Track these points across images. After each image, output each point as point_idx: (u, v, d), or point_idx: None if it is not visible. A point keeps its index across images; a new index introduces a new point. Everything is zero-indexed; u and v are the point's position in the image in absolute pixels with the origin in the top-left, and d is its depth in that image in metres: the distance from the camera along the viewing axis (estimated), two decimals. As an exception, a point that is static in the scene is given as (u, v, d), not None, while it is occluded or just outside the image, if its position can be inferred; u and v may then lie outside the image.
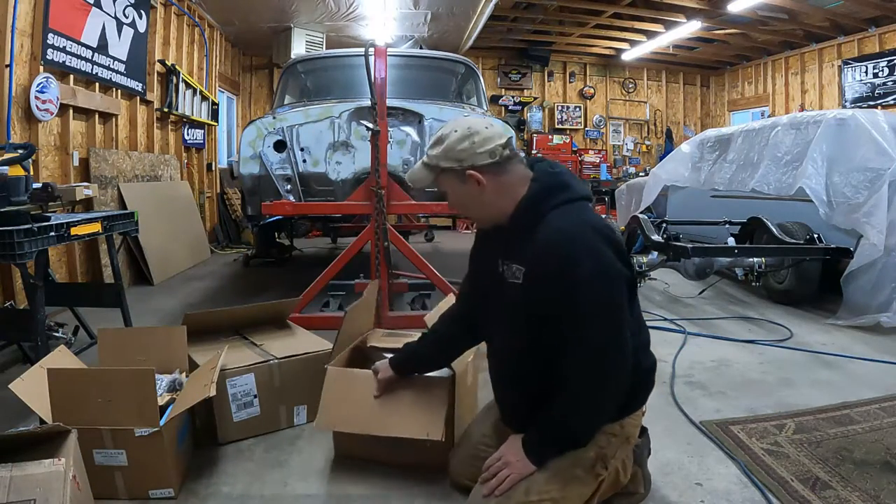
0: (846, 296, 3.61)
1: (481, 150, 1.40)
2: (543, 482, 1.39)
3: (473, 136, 1.41)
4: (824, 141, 3.95)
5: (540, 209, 1.40)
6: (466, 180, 1.42)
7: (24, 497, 1.19)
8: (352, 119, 3.55)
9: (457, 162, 1.42)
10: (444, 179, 1.47)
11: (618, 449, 1.48)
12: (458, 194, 1.47)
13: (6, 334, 2.77)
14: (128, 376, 1.67)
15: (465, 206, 1.50)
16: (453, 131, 1.43)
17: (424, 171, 1.48)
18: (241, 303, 3.08)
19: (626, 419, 1.49)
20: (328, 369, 1.81)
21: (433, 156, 1.45)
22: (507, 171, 1.43)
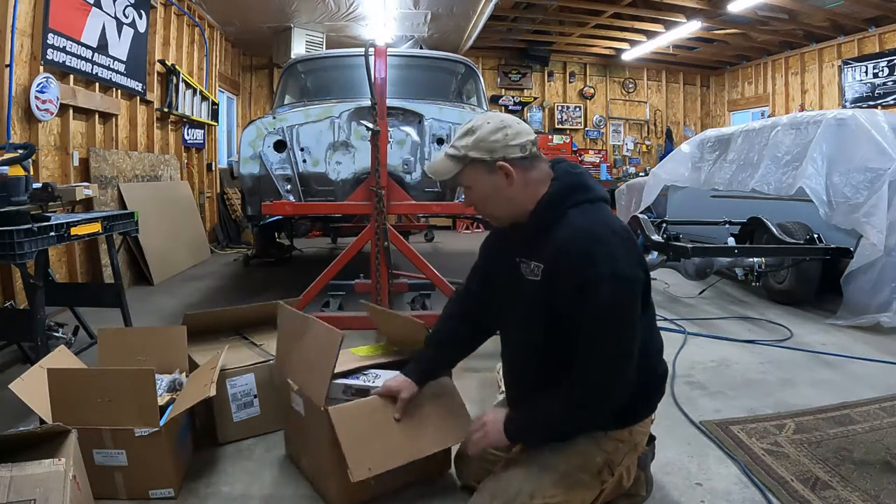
0: (846, 296, 3.61)
1: (513, 143, 1.39)
2: (550, 486, 1.38)
3: (506, 128, 1.40)
4: (824, 141, 3.95)
5: (561, 207, 1.40)
6: (495, 171, 1.40)
7: (24, 497, 1.19)
8: (352, 119, 3.55)
9: (488, 153, 1.39)
10: (469, 171, 1.43)
11: (625, 456, 1.47)
12: (484, 187, 1.43)
13: (6, 334, 2.77)
14: (128, 376, 1.67)
15: (488, 200, 1.46)
16: (486, 122, 1.42)
17: (449, 162, 1.44)
18: (241, 303, 3.07)
19: (635, 426, 1.48)
20: (331, 412, 1.55)
21: (462, 146, 1.42)
22: (534, 168, 1.43)
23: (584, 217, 1.37)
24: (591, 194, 1.42)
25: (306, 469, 1.81)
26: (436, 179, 1.56)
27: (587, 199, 1.41)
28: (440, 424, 1.64)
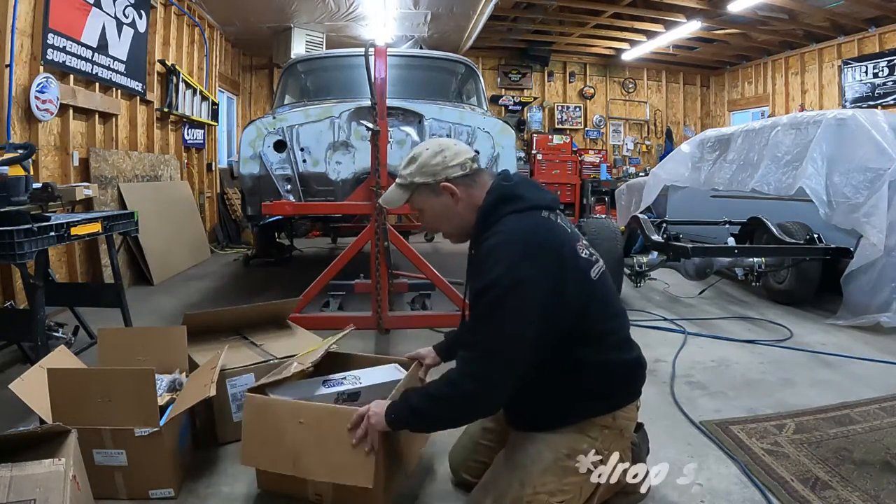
0: (846, 296, 3.61)
1: (453, 163, 1.49)
2: (539, 474, 1.40)
3: (444, 151, 1.50)
4: (824, 141, 3.96)
5: (490, 219, 1.45)
6: (441, 193, 1.50)
7: (24, 497, 1.19)
8: (352, 119, 3.55)
9: (431, 176, 1.49)
10: (418, 196, 1.54)
11: (612, 441, 1.48)
12: (433, 208, 1.53)
13: (6, 334, 2.77)
14: (128, 376, 1.67)
15: (439, 220, 1.55)
16: (425, 149, 1.53)
17: (398, 191, 1.56)
18: (241, 303, 3.07)
19: (617, 412, 1.49)
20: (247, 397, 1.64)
21: (407, 174, 1.52)
22: (476, 184, 1.51)
23: (503, 228, 1.41)
24: (520, 204, 1.45)
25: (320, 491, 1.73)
26: (390, 209, 1.64)
27: (515, 209, 1.44)
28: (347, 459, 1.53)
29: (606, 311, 1.49)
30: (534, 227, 1.41)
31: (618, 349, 1.51)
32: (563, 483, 1.41)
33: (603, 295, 1.48)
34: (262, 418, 1.63)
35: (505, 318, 1.33)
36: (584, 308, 1.42)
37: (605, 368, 1.47)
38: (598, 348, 1.46)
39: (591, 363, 1.45)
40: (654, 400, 2.46)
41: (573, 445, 1.44)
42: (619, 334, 1.53)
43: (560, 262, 1.38)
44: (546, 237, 1.40)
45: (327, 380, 1.84)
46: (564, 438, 1.45)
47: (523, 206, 1.45)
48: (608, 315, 1.50)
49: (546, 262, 1.35)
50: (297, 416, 1.59)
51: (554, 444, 1.44)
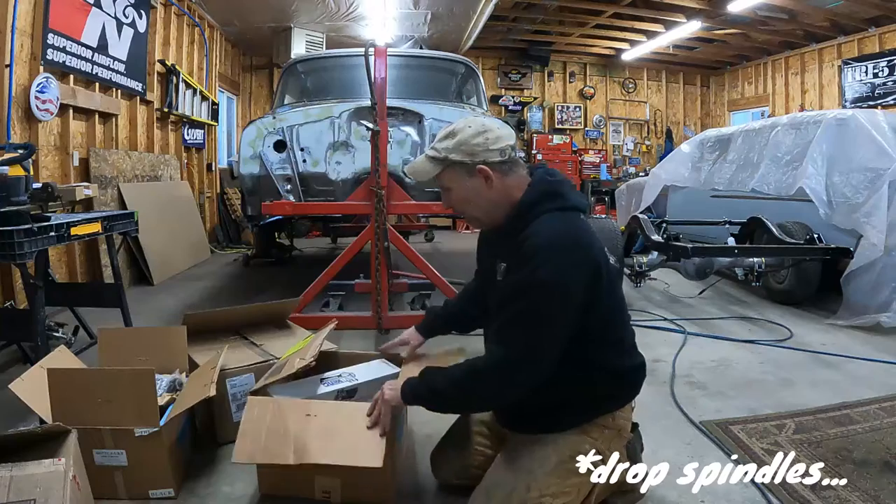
0: (846, 296, 3.61)
1: (494, 147, 1.43)
2: (544, 477, 1.40)
3: (487, 132, 1.44)
4: (824, 141, 3.96)
5: (532, 213, 1.42)
6: (475, 175, 1.44)
7: (24, 497, 1.19)
8: (352, 119, 3.55)
9: (469, 156, 1.43)
10: (449, 173, 1.47)
11: (612, 441, 1.50)
12: (463, 189, 1.47)
13: (6, 334, 2.77)
14: (128, 376, 1.67)
15: (467, 203, 1.50)
16: (467, 126, 1.45)
17: (429, 163, 1.48)
18: (241, 303, 3.08)
19: (616, 412, 1.51)
20: (249, 400, 1.66)
21: (443, 148, 1.45)
22: (512, 172, 1.47)
23: (550, 224, 1.39)
24: (563, 202, 1.44)
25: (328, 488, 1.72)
26: (415, 180, 1.60)
27: (559, 206, 1.43)
28: (357, 443, 1.53)
29: (623, 317, 1.53)
30: (577, 230, 1.41)
31: (629, 355, 1.54)
32: (566, 485, 1.42)
33: (620, 301, 1.53)
34: (264, 416, 1.62)
35: (546, 320, 1.33)
36: (610, 313, 1.44)
37: (618, 372, 1.49)
38: (617, 352, 1.49)
39: (608, 367, 1.46)
40: (654, 400, 2.46)
41: (576, 447, 1.44)
42: (630, 340, 1.56)
43: (598, 267, 1.38)
44: (587, 241, 1.40)
45: (324, 378, 1.84)
46: (568, 440, 1.45)
47: (566, 205, 1.44)
48: (623, 321, 1.53)
49: (587, 267, 1.36)
50: (306, 411, 1.60)
51: (558, 446, 1.44)
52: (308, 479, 1.67)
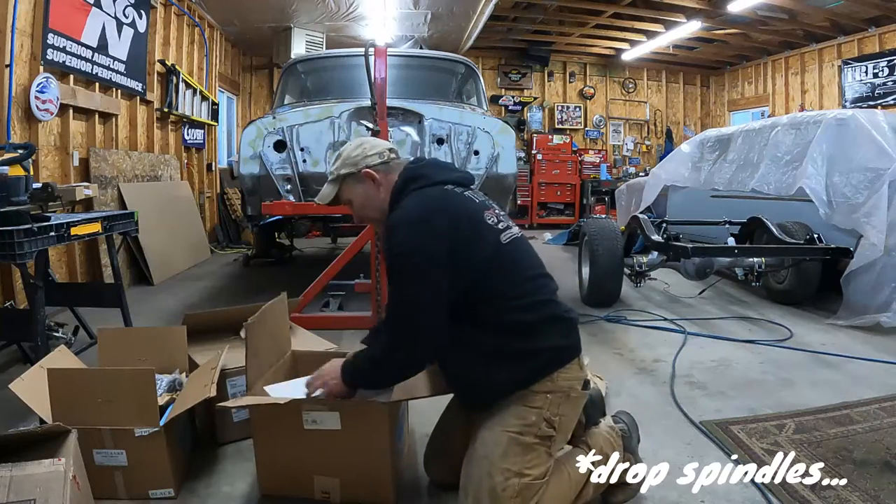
0: (846, 296, 3.61)
1: (371, 152, 1.65)
2: (499, 460, 1.42)
3: (364, 143, 1.68)
4: (824, 141, 3.95)
5: (399, 198, 1.58)
6: (363, 180, 1.64)
7: (24, 497, 1.19)
8: (352, 119, 3.55)
9: (353, 166, 1.64)
10: (346, 187, 1.67)
11: (560, 405, 1.49)
12: (358, 196, 1.67)
13: (6, 334, 2.77)
14: (128, 376, 1.67)
15: (365, 207, 1.67)
16: (348, 145, 1.70)
17: (329, 186, 1.70)
18: (241, 303, 3.08)
19: (555, 374, 1.49)
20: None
21: (334, 168, 1.67)
22: (394, 170, 1.65)
23: (401, 206, 1.55)
24: (423, 182, 1.58)
25: (327, 488, 1.72)
26: (323, 204, 1.74)
27: (418, 186, 1.57)
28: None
29: (516, 273, 1.54)
30: (431, 199, 1.54)
31: (531, 309, 1.51)
32: (526, 460, 1.43)
33: (512, 259, 1.54)
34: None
35: (408, 283, 1.46)
36: (486, 270, 1.49)
37: (516, 327, 1.49)
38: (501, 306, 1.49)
39: (509, 324, 1.49)
40: (654, 400, 2.46)
41: (521, 420, 1.46)
42: (535, 297, 1.54)
43: (456, 225, 1.48)
44: (442, 205, 1.52)
45: None
46: (510, 415, 1.47)
47: (427, 182, 1.58)
48: (518, 278, 1.54)
49: (441, 227, 1.46)
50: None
51: (503, 424, 1.46)
52: (308, 479, 1.67)
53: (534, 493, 1.41)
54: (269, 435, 1.69)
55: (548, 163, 9.92)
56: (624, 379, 2.71)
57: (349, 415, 1.62)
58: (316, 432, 1.63)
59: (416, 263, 1.44)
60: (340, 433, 1.62)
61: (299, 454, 1.67)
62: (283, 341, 2.08)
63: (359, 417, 1.62)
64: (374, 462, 1.64)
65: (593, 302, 4.10)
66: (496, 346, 1.49)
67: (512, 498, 1.39)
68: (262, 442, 1.70)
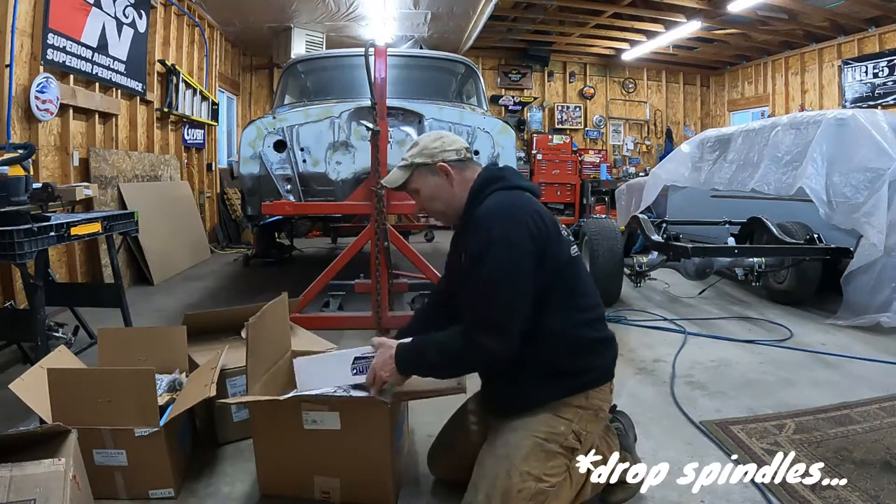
0: (846, 296, 3.61)
1: (450, 148, 1.65)
2: (522, 461, 1.43)
3: (443, 137, 1.68)
4: (824, 141, 3.95)
5: (480, 196, 1.58)
6: (437, 172, 1.64)
7: (24, 497, 1.19)
8: (352, 119, 3.55)
9: (430, 157, 1.64)
10: (417, 175, 1.66)
11: (588, 423, 1.52)
12: (428, 187, 1.66)
13: (6, 334, 2.77)
14: (128, 376, 1.67)
15: (433, 199, 1.67)
16: (426, 136, 1.71)
17: (399, 171, 1.69)
18: (241, 303, 3.08)
19: (590, 391, 1.53)
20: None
21: (409, 156, 1.67)
22: (468, 169, 1.66)
23: (492, 198, 1.55)
24: (506, 183, 1.59)
25: (327, 488, 1.72)
26: (391, 188, 1.74)
27: (501, 186, 1.58)
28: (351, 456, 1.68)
29: (578, 287, 1.57)
30: (519, 199, 1.55)
31: (587, 326, 1.56)
32: (548, 466, 1.44)
33: (576, 272, 1.58)
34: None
35: (509, 270, 1.43)
36: (558, 276, 1.50)
37: (573, 342, 1.52)
38: (565, 318, 1.51)
39: (569, 336, 1.51)
40: (654, 400, 2.46)
41: (549, 428, 1.47)
42: (590, 314, 1.58)
43: (545, 227, 1.49)
44: (532, 206, 1.53)
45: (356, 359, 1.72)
46: (539, 422, 1.48)
47: (509, 185, 1.59)
48: (580, 292, 1.57)
49: (533, 225, 1.46)
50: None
51: (531, 428, 1.47)
52: (308, 479, 1.67)
53: (544, 500, 1.42)
54: (269, 435, 1.69)
55: (548, 163, 9.92)
56: (624, 379, 2.70)
57: (349, 415, 1.61)
58: (316, 432, 1.63)
59: (514, 257, 1.43)
60: (340, 433, 1.62)
61: (299, 454, 1.67)
62: (283, 341, 2.08)
63: (359, 417, 1.61)
64: (374, 462, 1.64)
65: (593, 302, 4.09)
66: (552, 355, 1.50)
67: (525, 500, 1.40)
68: (262, 442, 1.70)
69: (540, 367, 1.50)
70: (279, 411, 1.64)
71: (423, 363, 1.52)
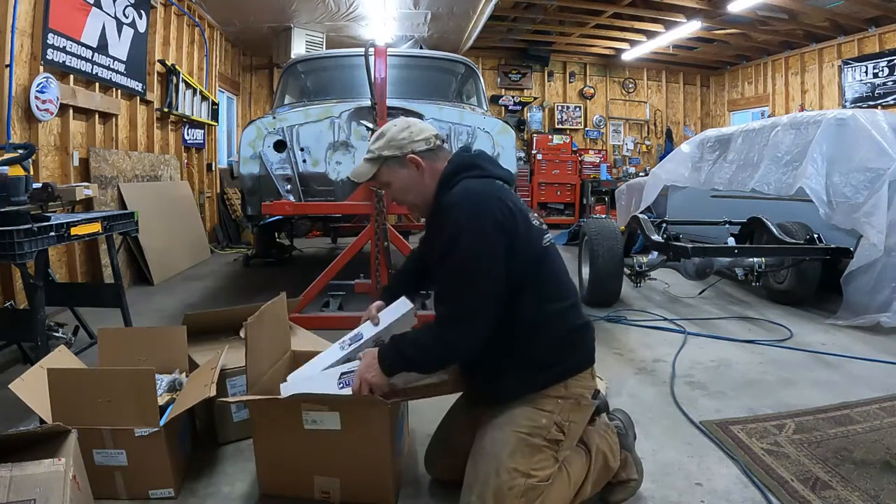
0: (846, 296, 3.61)
1: (419, 138, 1.60)
2: (507, 459, 1.42)
3: (410, 127, 1.61)
4: (824, 141, 3.95)
5: (451, 183, 1.55)
6: (407, 164, 1.59)
7: (24, 497, 1.19)
8: (352, 119, 3.55)
9: (398, 149, 1.59)
10: (385, 169, 1.62)
11: (570, 412, 1.51)
12: (400, 180, 1.62)
13: (6, 334, 2.77)
14: (128, 376, 1.67)
15: (406, 192, 1.64)
16: (393, 125, 1.63)
17: (367, 164, 1.64)
18: (241, 303, 3.08)
19: (569, 380, 1.52)
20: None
21: (376, 148, 1.61)
22: (439, 158, 1.62)
23: (463, 186, 1.52)
24: (479, 172, 1.56)
25: (327, 488, 1.72)
26: (358, 182, 1.71)
27: (474, 175, 1.55)
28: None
29: (552, 277, 1.55)
30: (490, 186, 1.53)
31: (562, 315, 1.54)
32: (534, 461, 1.44)
33: (551, 262, 1.56)
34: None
35: (477, 259, 1.42)
36: (530, 267, 1.49)
37: (549, 332, 1.51)
38: (540, 308, 1.50)
39: (546, 325, 1.50)
40: (654, 400, 2.46)
41: (531, 422, 1.47)
42: (565, 302, 1.56)
43: (512, 217, 1.46)
44: (501, 194, 1.51)
45: (343, 342, 1.75)
46: (521, 416, 1.48)
47: (480, 174, 1.56)
48: (553, 280, 1.56)
49: (500, 214, 1.44)
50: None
51: (513, 424, 1.47)
52: (308, 479, 1.67)
53: (538, 495, 1.42)
54: (269, 435, 1.69)
55: (548, 163, 9.92)
56: (624, 379, 2.71)
57: (349, 415, 1.62)
58: (316, 432, 1.63)
59: (483, 246, 1.42)
60: (340, 433, 1.62)
61: (299, 454, 1.67)
62: (283, 341, 2.08)
63: (359, 417, 1.62)
64: (374, 462, 1.64)
65: (593, 302, 4.10)
66: (527, 346, 1.50)
67: (517, 497, 1.40)
68: (262, 442, 1.70)
69: (517, 359, 1.50)
70: (279, 411, 1.64)
71: (404, 359, 1.51)
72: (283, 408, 1.63)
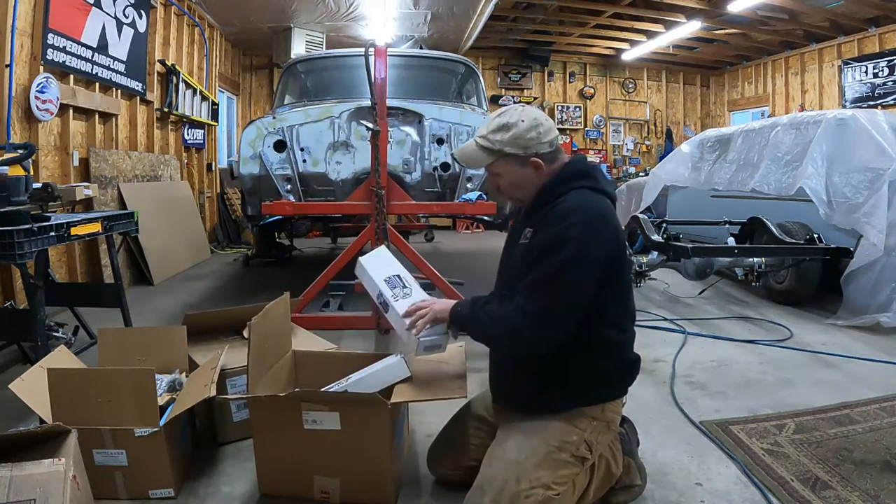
0: (846, 296, 3.61)
1: (545, 139, 1.54)
2: (533, 468, 1.42)
3: (540, 126, 1.54)
4: (824, 141, 3.95)
5: (565, 186, 1.52)
6: (528, 165, 1.54)
7: (24, 497, 1.19)
8: (352, 119, 3.55)
9: (523, 149, 1.53)
10: (503, 163, 1.56)
11: (600, 434, 1.52)
12: (514, 177, 1.57)
13: (6, 334, 2.77)
14: (128, 376, 1.67)
15: (517, 188, 1.59)
16: (521, 120, 1.53)
17: (482, 153, 1.56)
18: (241, 303, 3.08)
19: (607, 404, 1.54)
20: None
21: (497, 140, 1.53)
22: (556, 159, 1.58)
23: (581, 198, 1.49)
24: (595, 183, 1.53)
25: (327, 488, 1.71)
26: (463, 165, 1.68)
27: (590, 186, 1.52)
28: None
29: (626, 307, 1.58)
30: (607, 209, 1.52)
31: (624, 346, 1.58)
32: (557, 475, 1.43)
33: (629, 294, 1.60)
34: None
35: (574, 272, 1.42)
36: (623, 294, 1.54)
37: (610, 357, 1.54)
38: (609, 333, 1.52)
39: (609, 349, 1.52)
40: (654, 400, 2.46)
41: (563, 438, 1.47)
42: (630, 333, 1.60)
43: (619, 246, 1.49)
44: (614, 221, 1.51)
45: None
46: (555, 430, 1.48)
47: (597, 186, 1.53)
48: (625, 313, 1.58)
49: (612, 241, 1.47)
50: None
51: (545, 436, 1.47)
52: (307, 479, 1.67)
53: None
54: (269, 435, 1.69)
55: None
56: (624, 379, 2.70)
57: (349, 415, 1.62)
58: (316, 432, 1.63)
59: (589, 254, 1.42)
60: (340, 433, 1.62)
61: (299, 454, 1.67)
62: (284, 341, 2.08)
63: (359, 417, 1.62)
64: (374, 462, 1.64)
65: (593, 302, 4.09)
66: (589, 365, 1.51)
67: None
68: (262, 442, 1.70)
69: (569, 374, 1.50)
70: (279, 411, 1.64)
71: (474, 322, 1.53)
72: (283, 408, 1.63)
